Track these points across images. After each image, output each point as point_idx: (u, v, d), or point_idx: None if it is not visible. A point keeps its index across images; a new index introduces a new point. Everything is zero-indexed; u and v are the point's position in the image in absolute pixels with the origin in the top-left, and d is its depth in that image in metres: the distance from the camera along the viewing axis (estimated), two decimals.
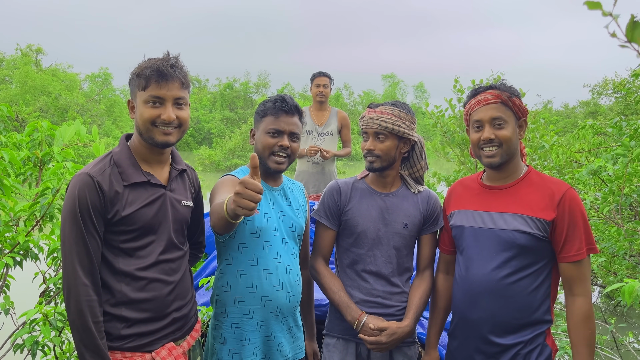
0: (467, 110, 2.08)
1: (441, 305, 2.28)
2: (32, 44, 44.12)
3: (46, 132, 2.90)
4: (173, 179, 1.94)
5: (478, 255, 2.02)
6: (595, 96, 32.61)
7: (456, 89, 5.67)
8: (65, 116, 29.33)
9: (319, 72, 5.15)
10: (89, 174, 1.74)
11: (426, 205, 2.32)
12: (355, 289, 2.26)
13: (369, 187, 2.33)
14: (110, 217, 1.76)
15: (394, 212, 2.28)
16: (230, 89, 52.14)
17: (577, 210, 1.91)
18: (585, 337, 1.89)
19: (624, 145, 3.58)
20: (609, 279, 4.91)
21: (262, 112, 2.16)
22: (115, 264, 1.79)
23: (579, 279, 1.91)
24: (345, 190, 2.33)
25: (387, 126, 2.20)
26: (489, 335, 1.99)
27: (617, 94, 22.28)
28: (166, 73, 1.79)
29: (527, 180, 2.02)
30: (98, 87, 45.88)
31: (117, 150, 1.86)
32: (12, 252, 2.44)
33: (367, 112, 2.26)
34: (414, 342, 2.31)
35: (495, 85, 2.01)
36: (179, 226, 1.94)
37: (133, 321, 1.79)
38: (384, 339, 2.13)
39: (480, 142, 2.00)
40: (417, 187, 2.35)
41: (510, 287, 1.95)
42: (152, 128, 1.81)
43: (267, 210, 2.15)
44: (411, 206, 2.30)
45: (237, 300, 2.12)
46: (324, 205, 2.34)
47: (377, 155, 2.22)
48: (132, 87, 1.86)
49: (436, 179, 5.76)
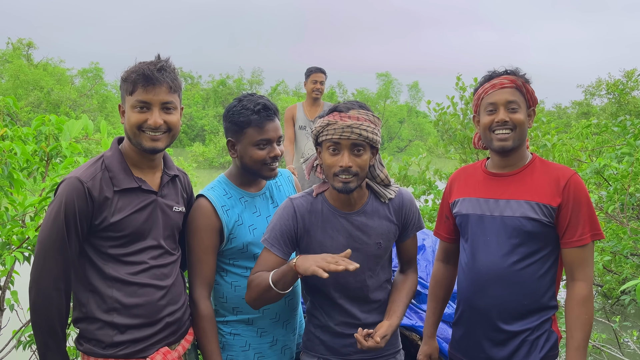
0: (479, 95, 2.05)
1: (440, 295, 2.27)
2: (23, 38, 43.76)
3: (54, 127, 2.86)
4: (164, 185, 1.92)
5: (485, 242, 2.02)
6: (588, 97, 32.87)
7: (458, 87, 5.68)
8: (58, 111, 29.03)
9: (315, 67, 5.13)
10: (80, 179, 1.71)
11: (400, 214, 2.03)
12: (334, 311, 2.02)
13: (330, 207, 1.96)
14: (98, 222, 1.73)
15: (364, 234, 1.96)
16: (224, 85, 51.98)
17: (582, 196, 1.92)
18: (581, 321, 1.88)
19: (629, 144, 3.61)
20: (606, 277, 4.95)
21: (242, 123, 1.98)
22: (105, 269, 1.76)
23: (580, 264, 1.92)
24: (304, 215, 1.96)
25: (367, 136, 1.82)
26: (497, 322, 1.99)
27: (610, 95, 22.47)
28: (152, 77, 1.74)
29: (532, 167, 2.02)
30: (90, 82, 45.50)
31: (109, 154, 1.83)
32: (20, 247, 2.41)
33: (339, 118, 1.82)
34: (399, 350, 2.13)
35: (511, 71, 2.01)
36: (170, 232, 1.91)
37: (126, 327, 1.76)
38: (383, 343, 1.81)
39: (493, 124, 1.97)
40: (387, 193, 2.01)
41: (518, 273, 1.95)
42: (140, 133, 1.78)
43: (252, 221, 2.09)
44: (384, 221, 1.99)
45: (236, 310, 2.10)
46: (276, 231, 1.93)
47: (354, 173, 1.83)
48: (122, 92, 1.82)
49: (437, 177, 5.76)
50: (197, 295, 1.99)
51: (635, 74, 19.71)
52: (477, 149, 1.92)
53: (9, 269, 2.63)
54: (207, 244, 1.99)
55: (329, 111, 1.89)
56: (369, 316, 2.03)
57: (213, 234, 2.00)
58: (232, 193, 2.08)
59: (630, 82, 19.58)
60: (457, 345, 2.16)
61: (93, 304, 1.76)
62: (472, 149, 5.53)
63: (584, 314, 1.89)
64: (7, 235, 2.46)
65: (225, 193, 2.07)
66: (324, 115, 1.89)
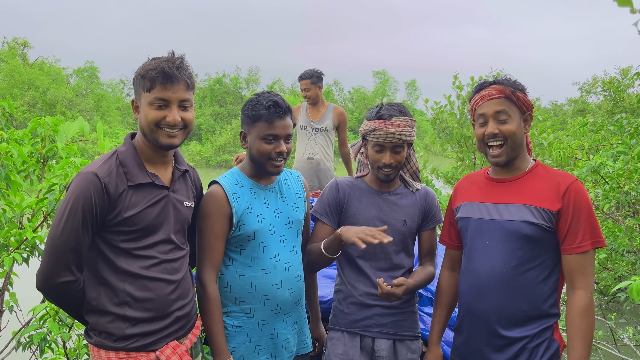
0: (472, 106, 2.08)
1: (445, 303, 2.27)
2: (18, 37, 43.53)
3: (50, 128, 2.86)
4: (176, 180, 1.94)
5: (484, 246, 2.02)
6: (584, 94, 32.94)
7: (455, 86, 5.69)
8: (54, 111, 28.97)
9: (302, 74, 5.08)
10: (97, 174, 1.73)
11: (424, 203, 2.35)
12: (358, 282, 2.29)
13: (368, 186, 2.35)
14: (111, 217, 1.75)
15: (393, 210, 2.30)
16: (220, 84, 51.81)
17: (583, 202, 1.91)
18: (582, 331, 1.86)
19: (625, 143, 3.62)
20: (602, 275, 4.97)
21: (254, 117, 2.10)
22: (117, 263, 1.78)
23: (580, 271, 1.90)
24: (345, 189, 2.34)
25: (406, 139, 2.22)
26: (496, 328, 1.99)
27: (606, 92, 22.53)
28: (171, 75, 1.77)
29: (533, 173, 2.02)
30: (85, 81, 45.32)
31: (123, 149, 1.85)
32: (19, 249, 2.41)
33: (384, 126, 2.21)
34: (417, 336, 2.34)
35: (499, 80, 2.01)
36: (180, 227, 1.94)
37: (137, 320, 1.78)
38: (399, 291, 2.09)
39: (484, 137, 1.99)
40: (415, 184, 2.37)
41: (517, 278, 1.95)
42: (157, 130, 1.81)
43: (261, 211, 2.15)
44: (410, 204, 2.33)
45: (238, 300, 2.15)
46: (324, 203, 2.34)
47: (394, 167, 2.24)
48: (137, 88, 1.84)
49: (434, 176, 5.78)
50: (205, 278, 2.06)
51: (631, 71, 19.76)
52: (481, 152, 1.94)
53: (8, 271, 2.64)
54: (218, 229, 2.07)
55: (375, 116, 2.25)
56: None
57: (224, 219, 2.08)
58: (243, 183, 2.16)
59: (626, 79, 19.65)
60: (457, 352, 2.16)
61: (104, 297, 1.78)
62: (469, 147, 5.55)
63: (585, 323, 1.87)
64: (5, 237, 2.47)
65: (237, 182, 2.16)
66: (371, 118, 2.26)
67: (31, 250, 2.51)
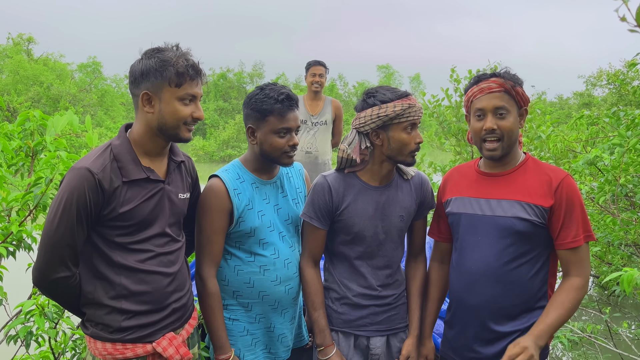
0: (468, 97, 2.03)
1: (435, 295, 2.28)
2: (23, 33, 43.62)
3: (38, 122, 2.85)
4: (171, 172, 1.92)
5: (476, 242, 2.01)
6: (589, 87, 32.69)
7: (453, 79, 5.64)
8: (58, 106, 29.03)
9: (314, 60, 5.07)
10: (90, 170, 1.69)
11: (420, 191, 2.27)
12: (352, 282, 2.22)
13: (362, 182, 2.18)
14: (106, 213, 1.74)
15: (390, 206, 2.20)
16: (224, 79, 51.73)
17: (575, 198, 1.91)
18: (562, 302, 1.86)
19: (620, 135, 3.58)
20: (602, 268, 4.94)
21: (265, 111, 2.04)
22: (113, 257, 1.77)
23: (577, 264, 1.91)
24: (337, 189, 2.16)
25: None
26: (487, 322, 1.99)
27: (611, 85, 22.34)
28: (198, 70, 1.78)
29: (524, 167, 2.01)
30: (89, 76, 45.36)
31: (117, 143, 1.80)
32: (4, 242, 2.41)
33: (411, 100, 2.07)
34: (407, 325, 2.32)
35: (499, 73, 1.97)
36: (175, 219, 1.93)
37: (133, 313, 1.79)
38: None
39: (482, 132, 1.96)
40: (409, 171, 2.26)
41: (509, 273, 1.95)
42: (182, 126, 1.79)
43: (261, 207, 2.13)
44: (406, 196, 2.23)
45: (236, 294, 2.14)
46: (314, 206, 2.16)
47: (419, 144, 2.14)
48: (156, 80, 1.75)
49: (432, 169, 5.75)
50: (205, 274, 2.06)
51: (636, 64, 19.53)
52: (471, 144, 1.91)
53: None
54: (218, 225, 2.06)
55: (401, 96, 2.06)
56: (384, 291, 2.22)
57: (224, 215, 2.06)
58: (244, 177, 2.14)
59: (631, 72, 19.45)
60: (448, 344, 2.17)
61: (101, 291, 1.78)
62: (467, 141, 5.51)
63: (570, 299, 1.87)
64: None
65: (238, 177, 2.13)
66: (394, 98, 2.05)
67: (18, 244, 2.50)
